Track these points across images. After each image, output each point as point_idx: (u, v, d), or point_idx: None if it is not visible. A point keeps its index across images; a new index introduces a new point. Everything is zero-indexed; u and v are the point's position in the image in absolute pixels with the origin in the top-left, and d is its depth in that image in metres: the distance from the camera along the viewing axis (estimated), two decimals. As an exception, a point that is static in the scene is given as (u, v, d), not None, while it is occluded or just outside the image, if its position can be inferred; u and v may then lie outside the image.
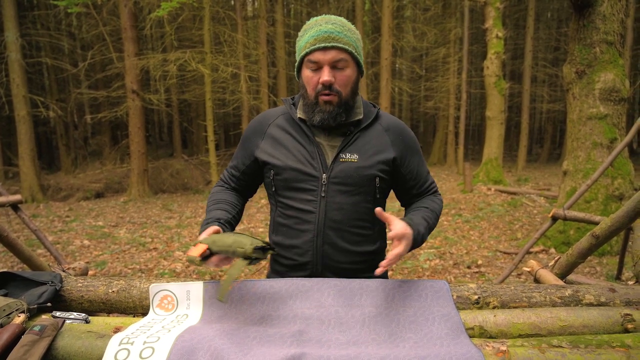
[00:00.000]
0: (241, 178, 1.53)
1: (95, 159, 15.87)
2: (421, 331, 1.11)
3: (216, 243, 1.16)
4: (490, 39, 10.83)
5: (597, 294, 1.29)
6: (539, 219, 7.33)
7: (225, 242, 1.15)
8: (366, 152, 1.38)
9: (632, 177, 5.18)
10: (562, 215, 3.02)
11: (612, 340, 1.06)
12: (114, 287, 1.36)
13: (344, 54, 1.31)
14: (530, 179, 13.31)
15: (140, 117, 11.11)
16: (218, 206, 1.45)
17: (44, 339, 1.02)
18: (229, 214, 1.42)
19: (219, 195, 1.51)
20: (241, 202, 1.55)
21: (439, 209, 1.47)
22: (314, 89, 1.33)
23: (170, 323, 1.17)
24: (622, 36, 5.14)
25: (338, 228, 1.37)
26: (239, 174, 1.53)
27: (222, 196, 1.50)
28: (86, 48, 15.49)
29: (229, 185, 1.56)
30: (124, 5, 10.56)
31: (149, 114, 19.67)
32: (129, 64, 10.73)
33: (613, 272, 4.33)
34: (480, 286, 1.33)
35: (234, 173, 1.54)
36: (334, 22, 1.32)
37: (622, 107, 5.12)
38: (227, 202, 1.47)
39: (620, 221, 1.61)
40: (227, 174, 1.57)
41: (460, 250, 5.71)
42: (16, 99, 10.67)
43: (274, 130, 1.44)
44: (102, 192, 11.97)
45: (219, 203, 1.46)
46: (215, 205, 1.46)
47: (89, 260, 5.59)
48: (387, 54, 12.97)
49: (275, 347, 1.02)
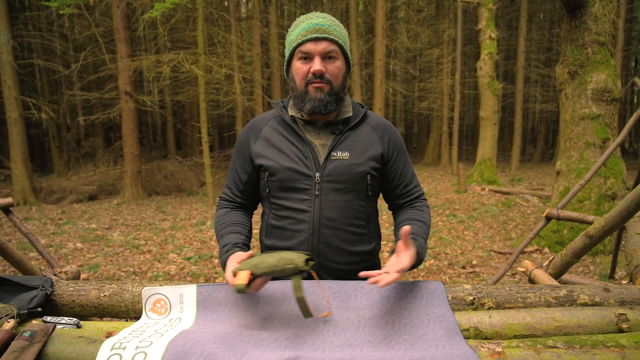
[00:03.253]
0: (245, 190, 1.49)
1: (88, 161, 15.77)
2: (416, 333, 1.11)
3: (258, 266, 1.10)
4: (483, 40, 10.88)
5: (591, 293, 1.29)
6: (532, 218, 7.37)
7: (269, 262, 1.10)
8: (357, 150, 1.40)
9: (625, 177, 5.22)
10: (556, 215, 3.03)
11: (607, 340, 1.06)
12: (106, 291, 1.34)
13: (335, 46, 1.34)
14: (523, 179, 13.38)
15: (133, 119, 11.05)
16: (230, 229, 1.40)
17: (34, 345, 1.00)
18: (242, 235, 1.39)
19: (227, 217, 1.46)
20: (249, 220, 1.51)
21: (429, 219, 1.45)
22: (303, 79, 1.35)
23: (163, 327, 1.16)
24: (614, 37, 5.18)
25: (333, 226, 1.37)
26: (242, 186, 1.49)
27: (230, 218, 1.45)
28: (79, 49, 15.38)
29: (234, 202, 1.51)
30: (117, 7, 10.50)
31: (142, 116, 19.58)
32: (121, 65, 10.67)
33: (607, 271, 4.36)
34: (475, 287, 1.32)
35: (237, 186, 1.49)
36: (324, 16, 1.36)
37: (614, 107, 5.16)
38: (237, 224, 1.43)
39: (614, 221, 1.62)
40: (228, 192, 1.52)
41: (455, 251, 5.72)
42: (8, 101, 10.56)
43: (266, 132, 1.44)
44: (95, 195, 11.88)
45: (230, 226, 1.42)
46: (226, 229, 1.41)
47: (82, 263, 5.54)
48: (381, 54, 13.00)
49: (269, 351, 1.01)
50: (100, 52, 12.41)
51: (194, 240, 6.71)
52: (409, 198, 1.51)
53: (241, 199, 1.51)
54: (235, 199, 1.51)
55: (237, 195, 1.50)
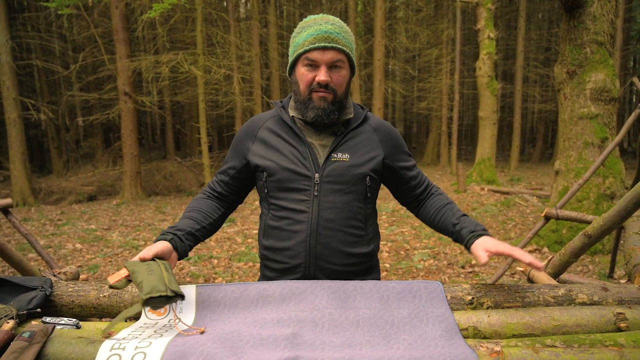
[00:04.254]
0: (230, 183, 1.50)
1: (87, 161, 15.75)
2: (415, 332, 1.11)
3: (133, 275, 1.11)
4: (482, 39, 10.90)
5: (590, 293, 1.29)
6: (531, 218, 7.38)
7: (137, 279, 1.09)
8: (357, 152, 1.40)
9: (624, 176, 5.23)
10: (555, 215, 3.04)
11: (605, 339, 1.06)
12: (106, 291, 1.34)
13: (341, 55, 1.33)
14: (523, 178, 13.39)
15: (132, 120, 11.04)
16: (190, 214, 1.41)
17: (34, 346, 1.00)
18: (197, 224, 1.39)
19: (196, 203, 1.47)
20: (220, 212, 1.50)
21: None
22: (307, 86, 1.34)
23: (162, 327, 1.16)
24: (612, 36, 5.19)
25: (331, 227, 1.37)
26: (228, 179, 1.50)
27: (198, 205, 1.46)
28: (77, 50, 15.37)
29: (215, 192, 1.52)
30: (116, 7, 10.49)
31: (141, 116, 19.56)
32: (120, 66, 10.66)
33: (605, 270, 4.36)
34: (474, 286, 1.33)
35: (222, 178, 1.51)
36: (333, 22, 1.34)
37: (613, 106, 5.17)
38: (201, 212, 1.43)
39: (612, 220, 1.62)
40: (215, 180, 1.53)
41: (454, 250, 5.72)
42: (6, 102, 10.56)
43: (264, 133, 1.44)
44: (95, 195, 11.87)
45: (192, 212, 1.43)
46: (187, 213, 1.43)
47: (81, 264, 5.54)
48: (380, 55, 13.00)
49: (269, 351, 1.01)
50: (99, 52, 12.40)
51: (194, 240, 6.70)
52: (421, 188, 1.53)
53: (224, 190, 1.51)
54: (217, 188, 1.52)
55: (221, 186, 1.51)
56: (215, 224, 1.47)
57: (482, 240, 1.28)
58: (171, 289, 1.09)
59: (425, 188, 1.54)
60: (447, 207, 1.45)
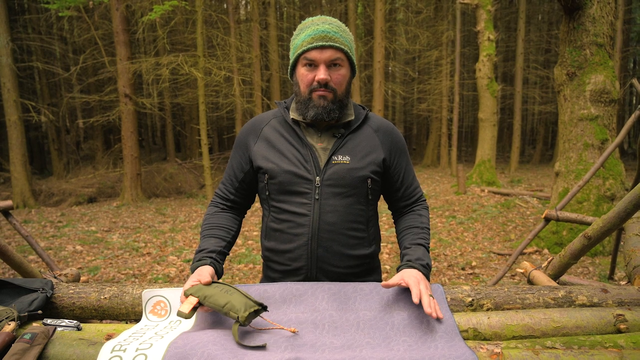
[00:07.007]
0: (240, 187, 1.49)
1: (87, 163, 15.75)
2: (415, 334, 1.11)
3: (208, 300, 1.12)
4: (482, 41, 10.91)
5: (589, 294, 1.30)
6: (532, 220, 7.37)
7: (219, 302, 1.10)
8: (358, 154, 1.39)
9: (624, 178, 5.23)
10: (555, 216, 3.04)
11: (605, 340, 1.06)
12: (106, 293, 1.34)
13: (340, 54, 1.33)
14: (523, 180, 13.39)
15: (133, 121, 11.05)
16: (212, 233, 1.41)
17: (35, 347, 1.00)
18: (223, 241, 1.40)
19: (214, 219, 1.46)
20: (237, 222, 1.51)
21: (428, 222, 1.50)
22: (307, 86, 1.34)
23: (163, 329, 1.16)
24: (612, 38, 5.20)
25: (332, 230, 1.37)
26: (238, 184, 1.49)
27: (216, 221, 1.46)
28: (78, 52, 15.40)
29: (227, 201, 1.51)
30: (116, 9, 10.51)
31: (141, 118, 19.59)
32: (121, 67, 10.68)
33: (606, 272, 4.36)
34: (474, 288, 1.33)
35: (232, 183, 1.49)
36: (330, 22, 1.34)
37: (613, 108, 5.17)
38: (222, 228, 1.44)
39: (612, 222, 1.62)
40: (223, 189, 1.52)
41: (455, 252, 5.72)
42: (7, 104, 10.57)
43: (267, 131, 1.44)
44: (95, 197, 11.87)
45: (214, 229, 1.42)
46: (209, 231, 1.42)
47: (82, 266, 5.54)
48: (380, 56, 13.02)
49: (269, 353, 1.02)
50: (100, 54, 12.43)
51: (194, 242, 6.71)
52: (410, 201, 1.52)
53: (235, 197, 1.50)
54: (229, 196, 1.51)
55: (232, 193, 1.50)
56: (235, 235, 1.48)
57: (408, 271, 1.24)
58: (257, 302, 1.12)
59: (415, 202, 1.52)
60: (414, 230, 1.44)
